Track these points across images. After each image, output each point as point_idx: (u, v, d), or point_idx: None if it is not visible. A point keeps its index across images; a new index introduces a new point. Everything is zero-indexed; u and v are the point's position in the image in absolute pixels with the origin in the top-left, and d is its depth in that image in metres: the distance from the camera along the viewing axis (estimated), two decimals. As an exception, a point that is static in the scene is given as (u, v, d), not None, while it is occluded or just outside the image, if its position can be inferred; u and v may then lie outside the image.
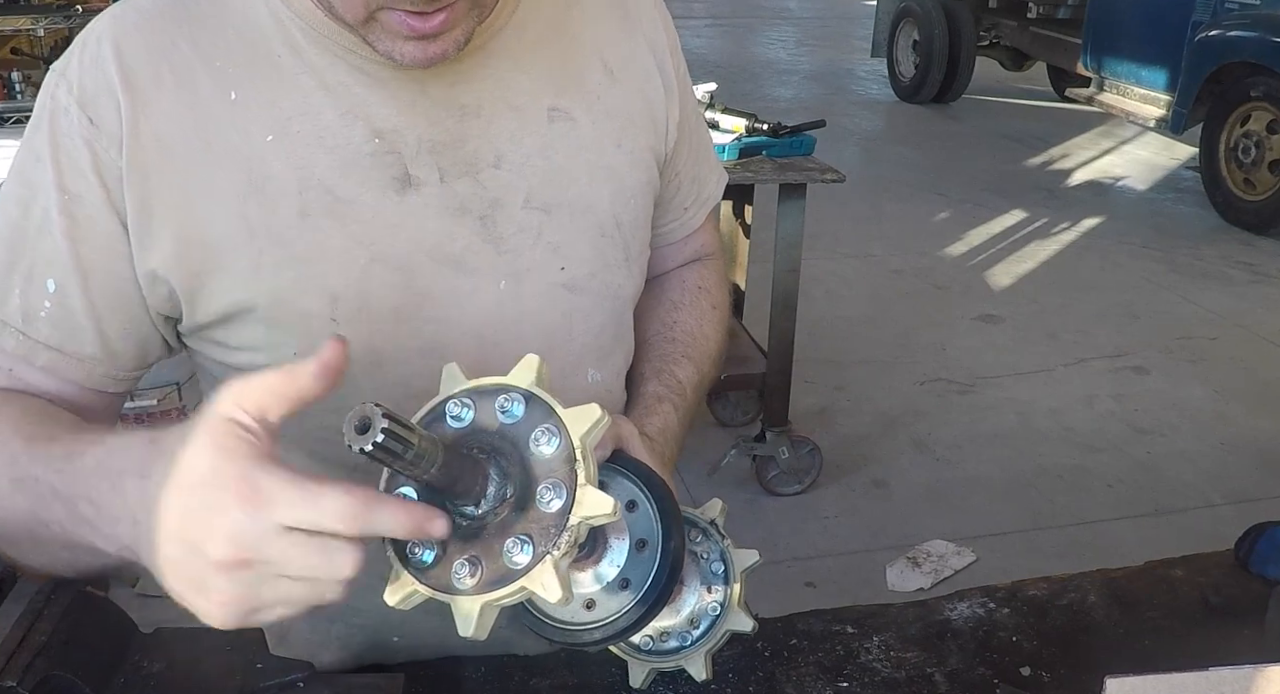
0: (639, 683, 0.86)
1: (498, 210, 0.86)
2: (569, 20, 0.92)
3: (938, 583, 2.80)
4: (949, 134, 8.03)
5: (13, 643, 0.79)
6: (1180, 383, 4.02)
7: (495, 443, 0.66)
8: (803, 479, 3.21)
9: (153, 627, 0.90)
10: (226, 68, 0.80)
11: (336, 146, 0.81)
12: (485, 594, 0.62)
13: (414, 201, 0.84)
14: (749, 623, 0.86)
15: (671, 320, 1.03)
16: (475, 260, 0.86)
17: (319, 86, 0.81)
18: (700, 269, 1.09)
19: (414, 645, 1.01)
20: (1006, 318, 4.57)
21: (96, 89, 0.78)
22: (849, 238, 5.40)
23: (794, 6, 15.69)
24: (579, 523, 0.63)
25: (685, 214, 1.06)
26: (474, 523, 0.64)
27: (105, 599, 0.87)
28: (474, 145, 0.85)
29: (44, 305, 0.80)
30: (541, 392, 0.67)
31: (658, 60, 0.96)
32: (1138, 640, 0.98)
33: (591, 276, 0.92)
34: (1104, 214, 6.00)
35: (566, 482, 0.63)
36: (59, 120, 0.79)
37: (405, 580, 0.65)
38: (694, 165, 1.04)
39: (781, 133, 2.96)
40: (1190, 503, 3.23)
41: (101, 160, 0.78)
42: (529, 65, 0.88)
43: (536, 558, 0.62)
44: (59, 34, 3.42)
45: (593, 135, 0.91)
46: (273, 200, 0.80)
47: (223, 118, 0.80)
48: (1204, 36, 5.92)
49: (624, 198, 0.93)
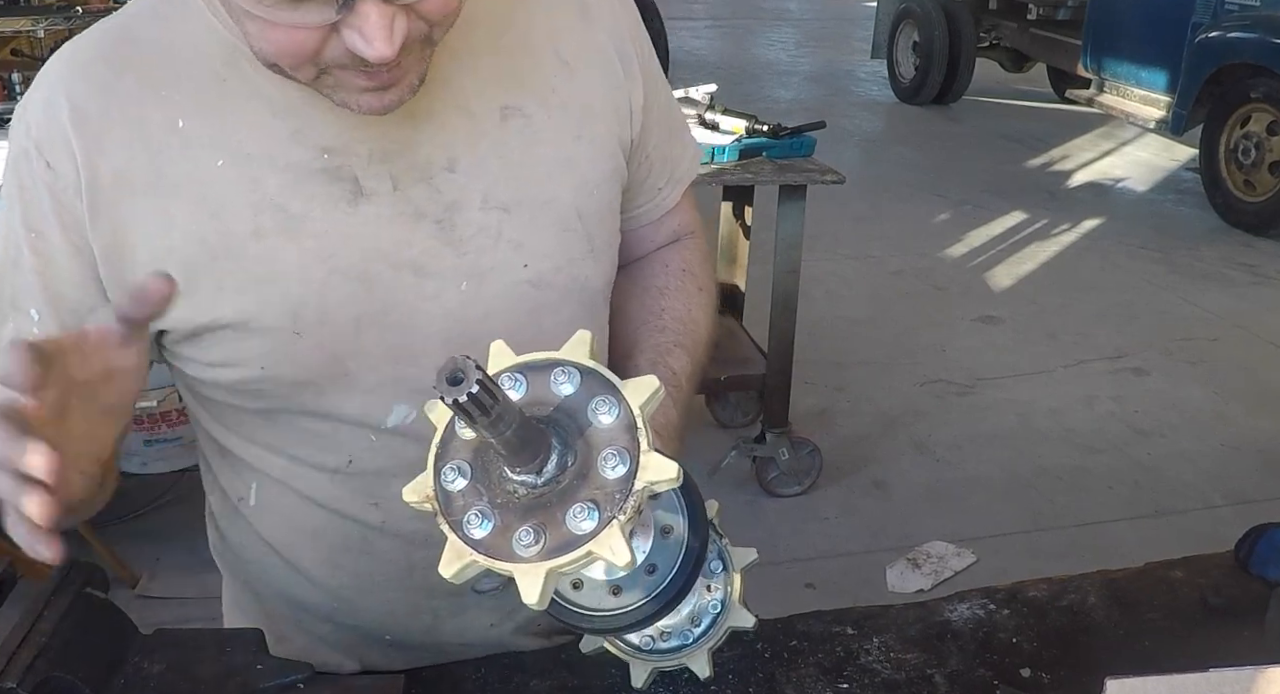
0: (640, 683, 0.86)
1: (455, 213, 0.87)
2: (517, 17, 0.91)
3: (938, 584, 2.80)
4: (949, 135, 8.03)
5: (13, 644, 0.79)
6: (1180, 384, 4.02)
7: (552, 415, 0.67)
8: (803, 480, 3.21)
9: (152, 628, 0.90)
10: (173, 96, 0.81)
11: (288, 165, 0.82)
12: (550, 561, 0.63)
13: (367, 211, 0.84)
14: (750, 619, 0.86)
15: (659, 308, 1.02)
16: (435, 264, 0.87)
17: (268, 109, 0.82)
18: (681, 250, 1.08)
19: (405, 645, 1.01)
20: (1006, 319, 4.57)
21: (51, 136, 0.81)
22: (849, 239, 5.40)
23: (794, 8, 15.69)
24: (643, 487, 0.64)
25: (659, 194, 1.04)
26: (534, 491, 0.65)
27: (105, 601, 0.87)
28: (426, 151, 0.85)
29: (32, 332, 0.85)
30: (597, 365, 0.68)
31: (617, 46, 0.94)
32: (1138, 641, 0.98)
33: (557, 271, 0.92)
34: (1104, 215, 6.00)
35: (629, 448, 0.65)
36: (21, 163, 0.83)
37: (461, 551, 0.65)
38: (665, 146, 1.02)
39: (781, 134, 2.96)
40: (1190, 504, 3.23)
41: (61, 202, 0.81)
42: (477, 66, 0.88)
43: (603, 523, 0.63)
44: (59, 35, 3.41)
45: (549, 130, 0.90)
46: (227, 224, 0.82)
47: (173, 147, 0.81)
48: (1204, 38, 5.92)
49: (586, 190, 0.93)
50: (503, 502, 0.66)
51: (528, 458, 0.64)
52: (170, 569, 2.74)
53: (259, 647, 0.88)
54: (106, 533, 2.77)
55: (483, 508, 0.65)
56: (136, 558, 2.75)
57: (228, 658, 0.86)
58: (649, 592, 0.76)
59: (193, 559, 2.78)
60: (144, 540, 2.83)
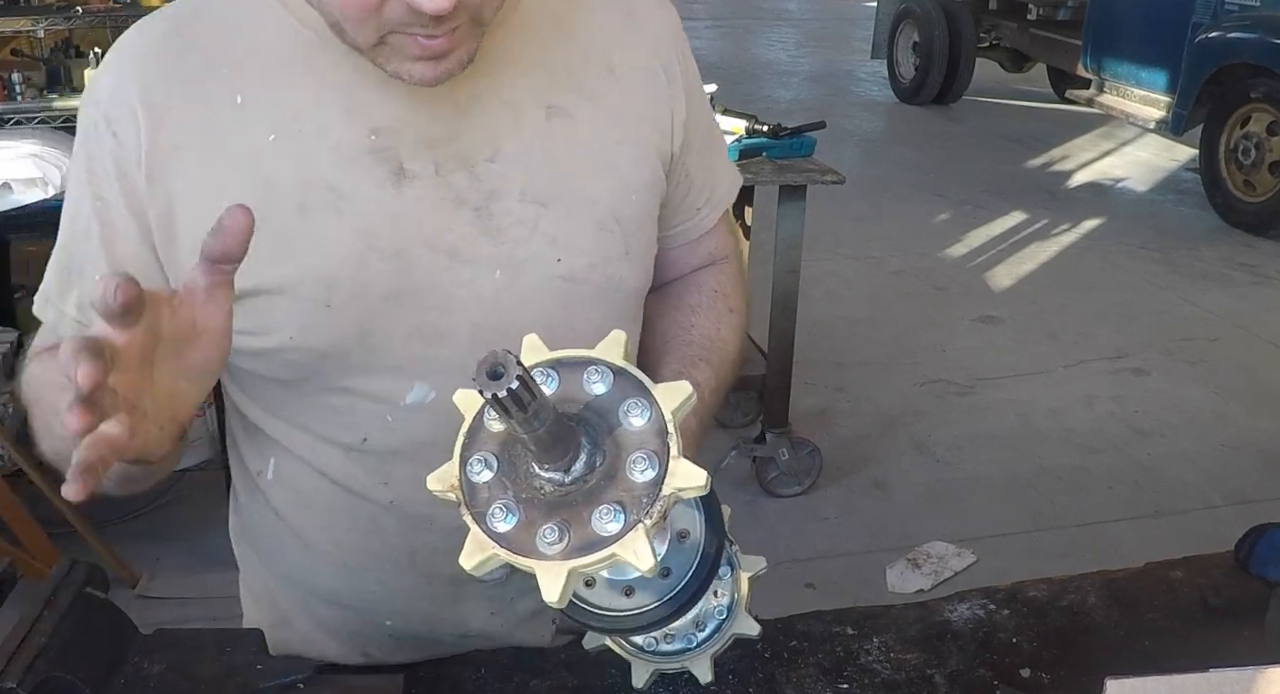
0: (641, 683, 0.86)
1: (493, 202, 0.89)
2: (571, 23, 0.94)
3: (938, 584, 2.80)
4: (949, 135, 8.04)
5: (13, 644, 0.79)
6: (1180, 384, 4.02)
7: (582, 413, 0.67)
8: (803, 480, 3.21)
9: (152, 628, 0.90)
10: (234, 75, 0.86)
11: (337, 144, 0.86)
12: (573, 560, 0.63)
13: (409, 194, 0.87)
14: (755, 627, 0.86)
15: (689, 323, 1.04)
16: (471, 251, 0.89)
17: (322, 88, 0.86)
18: (717, 273, 1.10)
19: (404, 636, 1.02)
20: (1006, 319, 4.57)
21: (118, 109, 0.85)
22: (849, 239, 5.40)
23: (794, 8, 15.69)
24: (671, 493, 0.64)
25: (697, 215, 1.06)
26: (560, 489, 0.65)
27: (105, 601, 0.88)
28: (469, 140, 0.88)
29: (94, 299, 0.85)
30: (631, 367, 0.68)
31: (662, 60, 0.97)
32: (1138, 642, 0.98)
33: (591, 268, 0.93)
34: (1104, 215, 6.00)
35: (659, 453, 0.64)
36: (91, 136, 0.87)
37: (483, 544, 0.65)
38: (705, 166, 1.05)
39: (782, 134, 2.96)
40: (1190, 504, 3.23)
41: (124, 171, 0.86)
42: (528, 65, 0.91)
43: (628, 526, 0.63)
44: (59, 35, 3.42)
45: (592, 132, 0.93)
46: (275, 195, 0.85)
47: (230, 121, 0.85)
48: (1204, 38, 5.92)
49: (625, 193, 0.94)
50: (528, 497, 0.65)
51: (558, 455, 0.64)
52: (170, 569, 2.74)
53: (259, 647, 0.88)
54: (106, 533, 2.77)
55: (507, 502, 0.65)
56: (136, 558, 2.75)
57: (228, 658, 0.86)
58: (662, 595, 0.76)
59: (193, 559, 2.79)
60: (144, 540, 2.84)
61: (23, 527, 2.51)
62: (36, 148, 2.66)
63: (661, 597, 0.76)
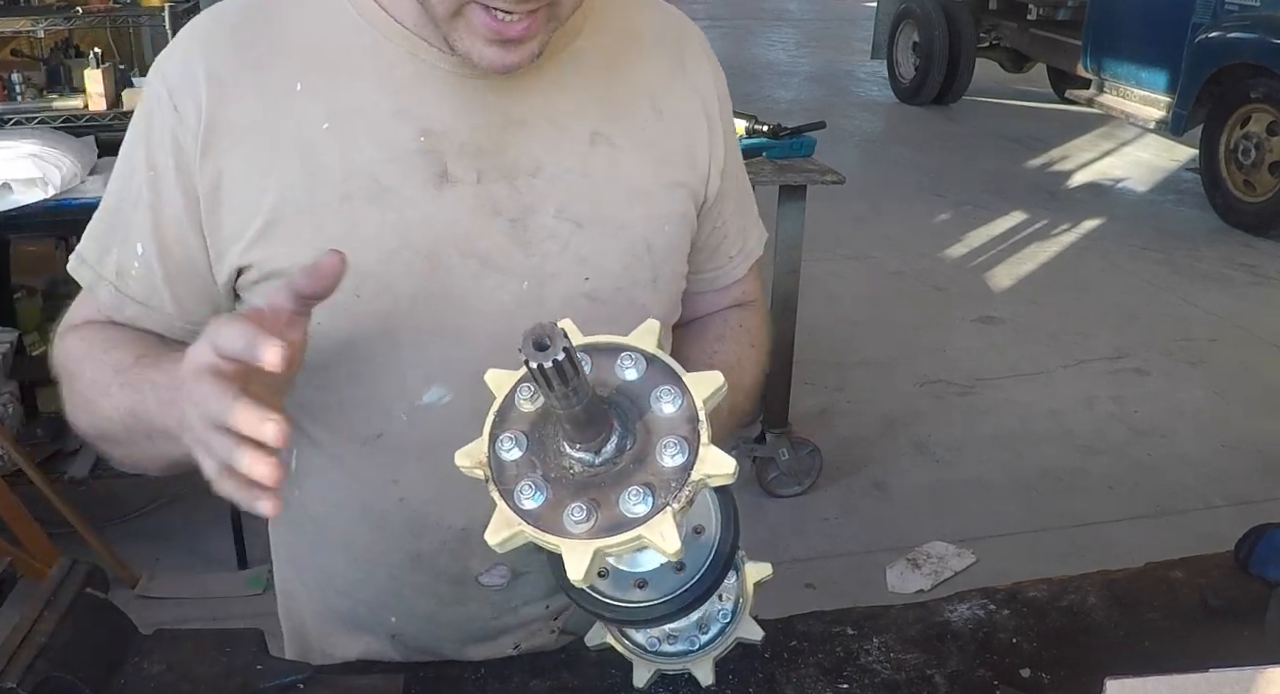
0: (642, 683, 0.87)
1: (529, 216, 0.91)
2: (625, 59, 0.97)
3: (938, 584, 2.80)
4: (949, 135, 8.04)
5: (13, 644, 0.79)
6: (1180, 384, 4.02)
7: (614, 397, 0.67)
8: (802, 480, 3.21)
9: (152, 628, 0.90)
10: (297, 62, 0.89)
11: (386, 141, 0.88)
12: (599, 540, 0.63)
13: (449, 197, 0.89)
14: (758, 632, 0.87)
15: (712, 350, 1.06)
16: (502, 259, 0.91)
17: (378, 86, 0.89)
18: (742, 312, 1.14)
19: (405, 637, 1.02)
20: (1006, 319, 4.57)
21: (184, 85, 0.88)
22: (849, 239, 5.40)
23: (794, 8, 15.69)
24: (700, 479, 0.64)
25: (730, 263, 1.10)
26: (589, 470, 0.66)
27: (105, 601, 0.88)
28: (514, 153, 0.91)
29: (134, 265, 0.92)
30: (663, 355, 0.69)
31: (705, 109, 1.01)
32: (1138, 642, 0.98)
33: (617, 291, 0.95)
34: (1104, 216, 6.00)
35: (689, 439, 0.65)
36: (154, 108, 0.90)
37: (509, 520, 0.65)
38: (739, 217, 1.09)
39: (781, 134, 2.96)
40: (1190, 504, 3.23)
41: (180, 145, 0.88)
42: (579, 91, 0.94)
43: (656, 508, 0.63)
44: (59, 35, 3.41)
45: (632, 162, 0.95)
46: (321, 183, 0.87)
47: (287, 107, 0.88)
48: (1204, 38, 5.92)
49: (657, 223, 0.97)
50: (556, 476, 0.66)
51: (590, 435, 0.64)
52: (170, 569, 2.74)
53: (259, 647, 0.88)
54: (106, 533, 2.78)
55: (536, 480, 0.66)
56: (136, 558, 2.75)
57: (228, 658, 0.86)
58: (674, 589, 0.76)
59: (193, 559, 2.79)
60: (144, 540, 2.84)
61: (23, 527, 2.51)
62: (36, 148, 2.65)
63: (674, 590, 0.76)
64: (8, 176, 2.56)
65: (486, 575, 0.99)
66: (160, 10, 2.89)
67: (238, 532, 2.72)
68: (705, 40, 1.06)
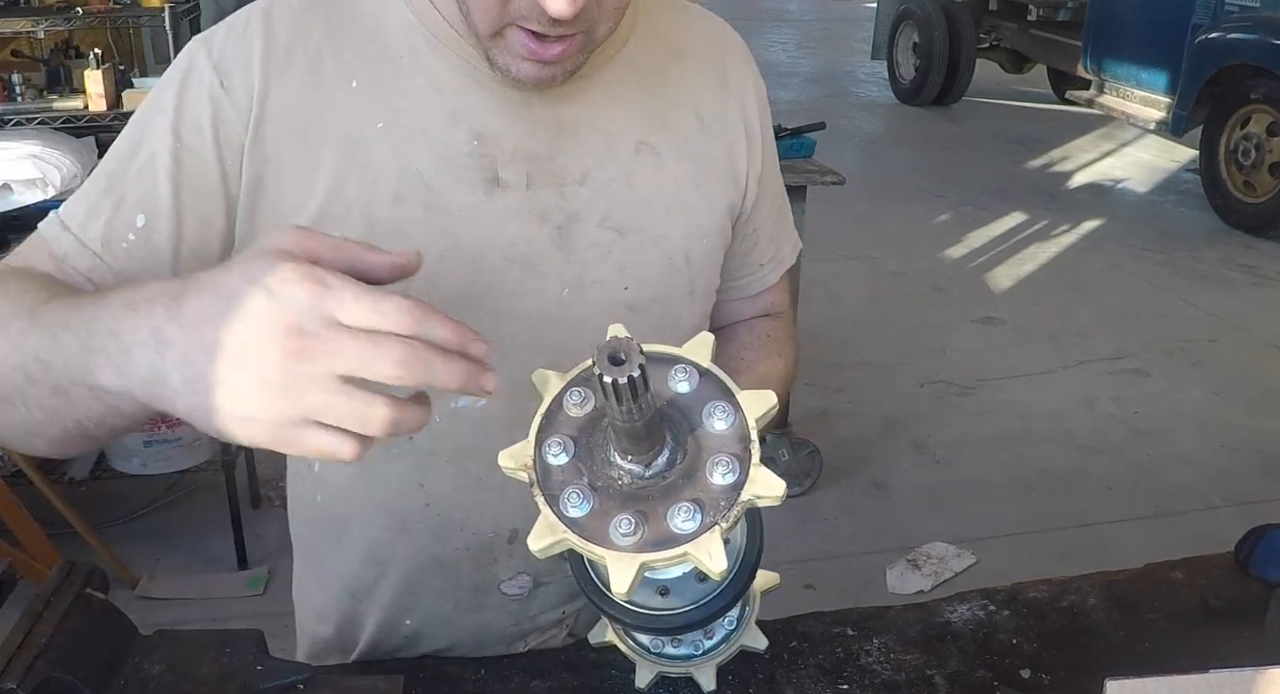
0: (644, 684, 0.87)
1: (575, 223, 0.92)
2: (671, 70, 0.98)
3: (938, 585, 2.80)
4: (949, 136, 8.04)
5: (13, 645, 0.79)
6: (1180, 385, 4.02)
7: (666, 409, 0.66)
8: (803, 481, 3.21)
9: (152, 628, 0.90)
10: (353, 60, 0.88)
11: (438, 143, 0.88)
12: (645, 554, 0.63)
13: (499, 202, 0.90)
14: (763, 641, 0.87)
15: (739, 358, 1.06)
16: (544, 264, 0.91)
17: (432, 89, 0.89)
18: (770, 322, 1.14)
19: (419, 638, 1.02)
20: (1007, 320, 4.57)
21: (236, 62, 0.86)
22: (849, 240, 5.40)
23: (794, 8, 15.70)
24: (749, 500, 0.64)
25: (760, 270, 1.10)
26: (638, 481, 0.65)
27: (105, 601, 0.87)
28: (563, 160, 0.91)
29: (128, 237, 0.85)
30: (717, 369, 0.68)
31: (746, 123, 1.01)
32: (1138, 643, 0.98)
33: (653, 302, 0.96)
34: (1104, 216, 6.00)
35: (741, 458, 0.65)
36: (190, 78, 0.86)
37: (554, 527, 0.64)
38: (773, 225, 1.09)
39: (782, 135, 2.96)
40: (1190, 505, 3.23)
41: (225, 123, 0.85)
42: (626, 101, 0.94)
43: (704, 527, 0.63)
44: (59, 36, 3.41)
45: (675, 172, 0.96)
46: (371, 182, 0.87)
47: (341, 102, 0.87)
48: (1204, 39, 5.92)
49: (697, 235, 0.98)
50: (603, 486, 0.65)
51: (645, 448, 0.63)
52: (170, 569, 2.74)
53: (259, 647, 0.88)
54: (106, 533, 2.78)
55: (582, 488, 0.65)
56: (136, 558, 2.75)
57: (228, 658, 0.86)
58: (698, 598, 0.75)
59: (193, 559, 2.79)
60: (144, 540, 2.84)
61: (23, 527, 2.51)
62: (36, 148, 2.66)
63: (697, 600, 0.75)
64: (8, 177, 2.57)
65: (509, 584, 0.99)
66: (160, 11, 2.88)
67: (238, 532, 2.72)
68: (747, 49, 1.06)
